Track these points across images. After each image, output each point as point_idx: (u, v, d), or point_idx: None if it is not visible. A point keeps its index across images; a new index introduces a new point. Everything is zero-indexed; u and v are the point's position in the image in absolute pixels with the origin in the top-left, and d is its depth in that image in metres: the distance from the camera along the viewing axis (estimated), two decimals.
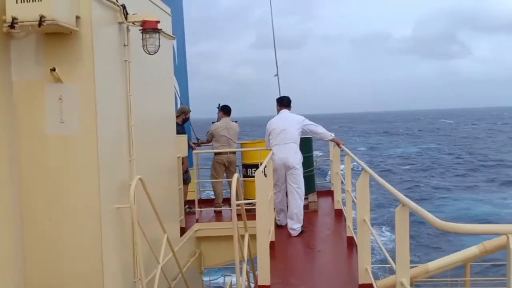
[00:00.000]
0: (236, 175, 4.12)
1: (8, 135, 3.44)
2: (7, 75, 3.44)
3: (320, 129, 6.43)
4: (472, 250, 7.35)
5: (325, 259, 5.32)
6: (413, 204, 2.35)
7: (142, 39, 3.98)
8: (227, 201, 7.59)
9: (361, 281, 3.89)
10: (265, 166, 5.30)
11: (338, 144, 6.43)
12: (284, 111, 6.52)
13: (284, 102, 6.61)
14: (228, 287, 7.81)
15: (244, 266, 4.55)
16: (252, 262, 5.26)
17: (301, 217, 6.21)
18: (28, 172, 3.55)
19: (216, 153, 7.59)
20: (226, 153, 7.61)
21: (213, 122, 7.81)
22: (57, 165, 3.54)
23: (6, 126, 3.42)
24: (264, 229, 3.94)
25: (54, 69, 3.34)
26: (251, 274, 5.43)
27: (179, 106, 10.47)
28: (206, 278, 9.90)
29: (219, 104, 7.95)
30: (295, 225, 6.14)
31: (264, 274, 3.96)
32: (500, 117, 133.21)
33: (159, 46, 4.05)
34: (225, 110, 7.82)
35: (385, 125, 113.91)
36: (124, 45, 4.04)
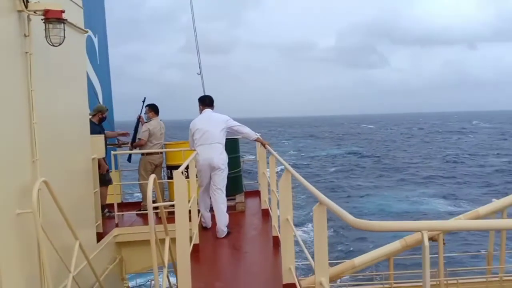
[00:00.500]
0: (152, 176, 3.87)
1: None
2: None
3: (245, 129, 6.35)
4: (395, 245, 7.70)
5: (251, 260, 5.22)
6: (330, 202, 2.31)
7: (45, 30, 3.62)
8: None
9: (285, 281, 3.83)
10: (187, 167, 5.11)
11: (263, 144, 6.37)
12: (207, 111, 6.35)
13: (206, 101, 6.44)
14: None
15: (165, 271, 4.33)
16: (175, 266, 5.05)
17: (226, 219, 6.09)
18: None
19: (147, 154, 7.29)
20: (157, 153, 7.39)
21: (146, 121, 7.45)
22: None
23: None
24: (183, 231, 3.75)
25: None
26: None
27: (101, 103, 9.97)
28: (132, 283, 9.49)
29: (144, 98, 7.63)
30: (221, 227, 6.01)
31: (184, 279, 3.76)
32: (415, 122, 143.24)
33: (64, 37, 3.69)
34: (155, 110, 7.58)
35: (312, 129, 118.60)
36: (25, 36, 3.64)
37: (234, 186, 7.71)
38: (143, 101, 7.64)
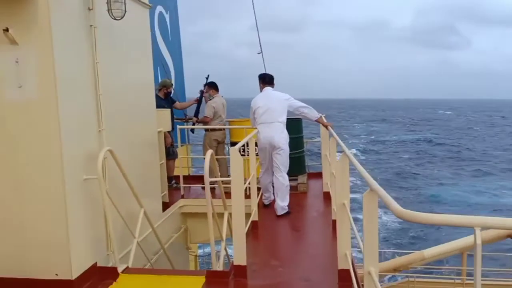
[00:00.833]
0: (209, 152, 3.92)
1: None
2: None
3: (306, 109, 6.19)
4: (469, 239, 7.20)
5: (309, 242, 5.15)
6: (381, 190, 2.17)
7: (107, 3, 3.73)
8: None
9: (340, 266, 3.73)
10: (246, 145, 5.09)
11: (325, 126, 6.20)
12: (268, 89, 6.25)
13: (266, 79, 6.34)
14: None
15: (223, 244, 4.42)
16: None
17: (287, 197, 6.04)
18: None
19: (211, 130, 7.44)
20: (220, 129, 7.51)
21: (209, 99, 7.59)
22: (19, 131, 3.35)
23: None
24: (239, 207, 3.76)
25: (7, 29, 3.11)
26: None
27: (173, 79, 10.29)
28: (200, 251, 9.88)
29: (208, 75, 7.73)
30: (280, 204, 5.99)
31: (239, 254, 3.80)
32: (497, 110, 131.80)
33: (125, 11, 3.78)
34: (215, 87, 7.65)
35: (384, 113, 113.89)
36: (89, 9, 3.78)
37: (296, 166, 7.62)
38: (207, 78, 7.74)
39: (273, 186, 6.21)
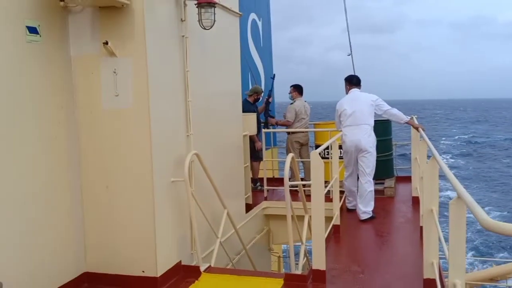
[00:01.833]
0: (290, 155, 3.95)
1: (67, 109, 3.60)
2: (66, 50, 3.58)
3: (394, 111, 5.96)
4: None
5: (393, 249, 4.96)
6: (469, 197, 2.03)
7: (198, 14, 3.92)
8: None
9: (426, 276, 3.55)
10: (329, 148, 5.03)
11: (416, 128, 5.91)
12: (355, 91, 6.13)
13: (354, 81, 6.21)
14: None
15: (302, 247, 4.42)
16: None
17: (371, 202, 5.88)
18: (87, 143, 3.71)
19: (292, 132, 7.51)
20: (302, 132, 7.54)
21: (291, 103, 7.67)
22: (113, 137, 3.65)
23: (64, 101, 3.57)
24: (319, 211, 3.74)
25: (107, 43, 3.42)
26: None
27: (262, 86, 10.53)
28: (284, 253, 9.95)
29: (274, 75, 7.81)
30: (362, 209, 5.85)
31: (319, 258, 3.78)
32: None
33: (214, 21, 3.95)
34: (299, 90, 7.70)
35: (489, 113, 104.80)
36: (181, 20, 4.01)
37: (384, 169, 7.36)
38: (272, 78, 7.80)
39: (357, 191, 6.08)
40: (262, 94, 7.77)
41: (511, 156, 37.23)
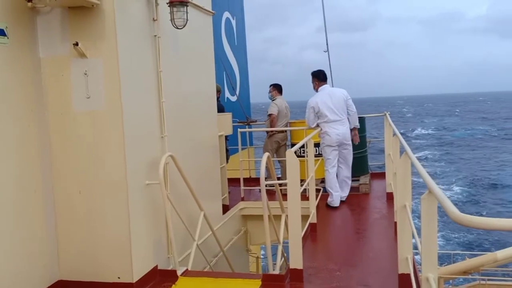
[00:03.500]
0: (266, 154, 3.95)
1: (37, 112, 3.51)
2: (34, 52, 3.49)
3: (354, 113, 6.39)
4: None
5: (369, 245, 5.02)
6: (440, 192, 2.07)
7: (170, 13, 3.88)
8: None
9: (400, 271, 3.61)
10: (305, 146, 5.10)
11: (354, 136, 6.50)
12: (327, 86, 6.38)
13: (321, 76, 6.44)
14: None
15: (279, 247, 4.43)
16: None
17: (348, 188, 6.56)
18: (58, 146, 3.63)
19: (273, 134, 7.51)
20: (282, 131, 7.56)
21: (272, 101, 7.67)
22: (85, 140, 3.58)
23: (34, 103, 3.48)
24: (295, 210, 3.75)
25: (77, 44, 3.34)
26: None
27: (238, 83, 10.49)
28: (262, 253, 9.97)
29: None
30: (343, 194, 6.38)
31: (296, 257, 3.80)
32: None
33: (187, 20, 3.92)
34: (279, 89, 7.72)
35: (456, 107, 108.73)
36: (153, 20, 3.97)
37: (359, 166, 7.46)
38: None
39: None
40: (221, 92, 7.77)
41: (471, 145, 40.11)
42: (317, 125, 6.31)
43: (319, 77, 6.42)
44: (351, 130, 6.45)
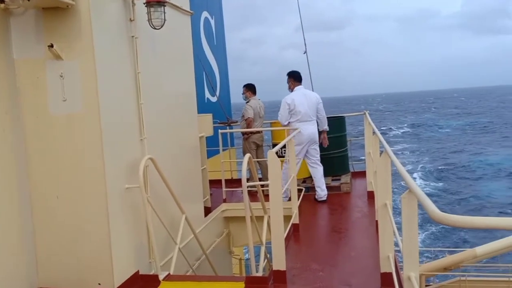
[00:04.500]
0: (247, 156, 3.93)
1: (12, 115, 3.42)
2: (8, 53, 3.39)
3: (323, 117, 6.70)
4: None
5: (351, 244, 5.06)
6: (419, 191, 2.08)
7: (147, 13, 3.83)
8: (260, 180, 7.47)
9: (382, 270, 3.64)
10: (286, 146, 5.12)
11: (323, 138, 6.82)
12: (301, 88, 6.64)
13: (298, 78, 6.67)
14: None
15: (262, 248, 4.42)
16: None
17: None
18: (34, 150, 3.54)
19: (250, 133, 7.48)
20: (259, 132, 7.53)
21: (247, 102, 7.64)
22: (62, 143, 3.50)
23: (9, 106, 3.39)
24: (278, 210, 3.74)
25: (52, 45, 3.27)
26: None
27: (218, 84, 10.43)
28: (246, 255, 9.95)
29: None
30: (324, 190, 6.65)
31: (279, 259, 3.79)
32: None
33: (165, 20, 3.87)
34: (252, 89, 7.67)
35: (432, 104, 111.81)
36: (130, 20, 3.90)
37: (339, 166, 7.52)
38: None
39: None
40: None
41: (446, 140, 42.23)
42: (288, 123, 6.56)
43: (295, 78, 6.67)
44: (320, 132, 6.76)
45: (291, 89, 6.67)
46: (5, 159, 3.34)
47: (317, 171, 6.61)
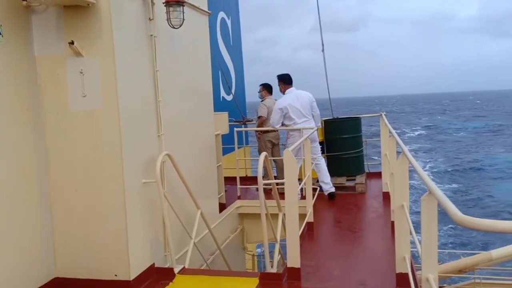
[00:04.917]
0: (263, 154, 3.94)
1: (33, 112, 3.48)
2: (29, 51, 3.45)
3: (317, 115, 6.85)
4: None
5: (366, 244, 5.04)
6: (440, 193, 2.07)
7: (166, 13, 3.86)
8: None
9: (398, 270, 3.61)
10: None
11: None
12: (293, 89, 6.78)
13: (288, 80, 6.79)
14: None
15: (277, 246, 4.43)
16: None
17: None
18: (54, 145, 3.60)
19: (265, 131, 7.49)
20: (274, 131, 7.53)
21: (262, 101, 7.66)
22: (82, 138, 3.55)
23: (30, 103, 3.46)
24: (293, 208, 3.75)
25: (72, 42, 3.31)
26: None
27: (233, 84, 10.47)
28: (258, 250, 9.99)
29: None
30: (330, 183, 6.83)
31: (293, 256, 3.80)
32: None
33: (183, 19, 3.90)
34: (269, 89, 7.68)
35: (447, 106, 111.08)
36: (150, 19, 3.94)
37: (354, 166, 7.48)
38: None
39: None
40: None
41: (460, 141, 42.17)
42: (282, 124, 6.77)
43: (285, 81, 6.81)
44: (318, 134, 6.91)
45: (282, 92, 6.86)
46: (25, 154, 3.41)
47: (319, 167, 6.75)
